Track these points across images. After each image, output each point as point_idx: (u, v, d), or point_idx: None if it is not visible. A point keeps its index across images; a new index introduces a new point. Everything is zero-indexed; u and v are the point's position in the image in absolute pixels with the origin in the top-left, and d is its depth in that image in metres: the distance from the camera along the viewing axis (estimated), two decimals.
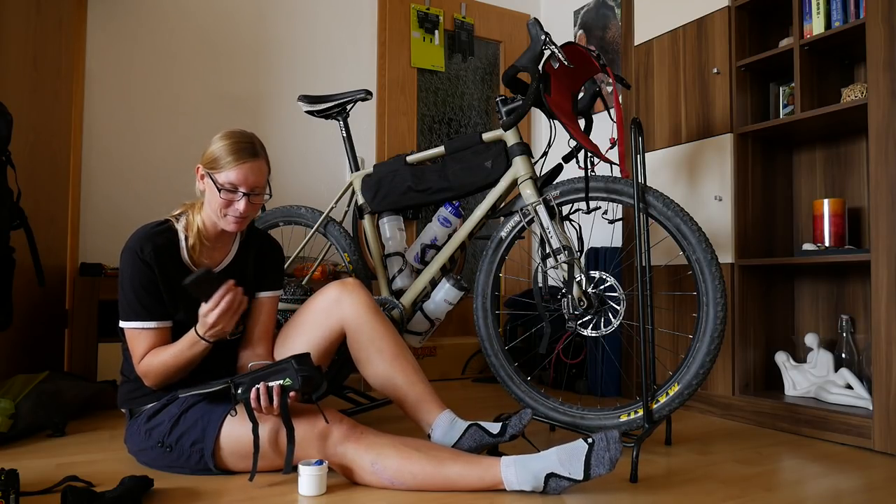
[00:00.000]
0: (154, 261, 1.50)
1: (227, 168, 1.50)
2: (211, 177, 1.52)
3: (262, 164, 1.55)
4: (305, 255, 2.71)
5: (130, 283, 1.50)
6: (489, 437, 1.53)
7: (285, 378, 1.38)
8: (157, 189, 2.78)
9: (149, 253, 1.50)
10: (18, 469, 1.49)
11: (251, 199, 1.53)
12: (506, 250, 1.97)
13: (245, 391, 1.40)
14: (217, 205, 1.53)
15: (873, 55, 1.84)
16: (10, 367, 2.10)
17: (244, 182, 1.51)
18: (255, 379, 1.40)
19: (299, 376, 1.38)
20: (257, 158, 1.53)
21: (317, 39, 3.17)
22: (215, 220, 1.56)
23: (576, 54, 1.81)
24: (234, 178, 1.50)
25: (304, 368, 1.39)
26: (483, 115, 3.65)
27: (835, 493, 1.44)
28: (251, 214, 1.56)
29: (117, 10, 2.76)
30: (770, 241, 2.33)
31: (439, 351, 3.07)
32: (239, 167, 1.50)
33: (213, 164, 1.52)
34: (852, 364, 2.11)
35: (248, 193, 1.52)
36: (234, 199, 1.52)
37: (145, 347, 1.51)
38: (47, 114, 2.33)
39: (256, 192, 1.54)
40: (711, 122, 2.31)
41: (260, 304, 1.70)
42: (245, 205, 1.52)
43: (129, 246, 1.51)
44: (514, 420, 1.54)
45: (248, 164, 1.51)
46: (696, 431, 2.04)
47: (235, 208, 1.52)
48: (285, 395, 1.38)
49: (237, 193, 1.51)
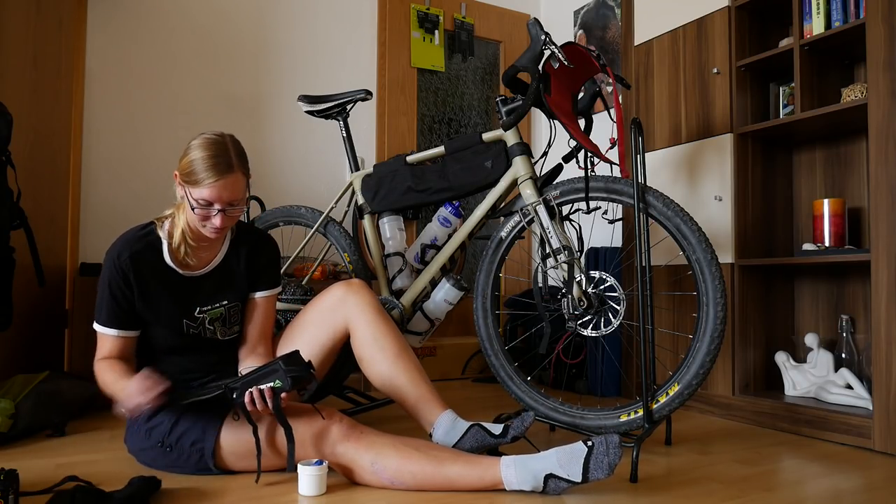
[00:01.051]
0: (130, 268, 1.50)
1: (202, 185, 1.44)
2: (185, 190, 1.48)
3: (237, 177, 1.48)
4: (305, 255, 2.71)
5: (103, 288, 1.52)
6: (491, 437, 1.53)
7: (275, 380, 1.38)
8: (156, 189, 2.78)
9: (125, 260, 1.50)
10: (18, 469, 1.49)
11: (227, 213, 1.48)
12: (506, 250, 1.97)
13: (239, 395, 1.40)
14: (194, 217, 1.50)
15: (873, 55, 1.84)
16: (10, 367, 2.10)
17: (218, 199, 1.46)
18: (246, 383, 1.40)
19: (288, 377, 1.38)
20: (232, 173, 1.46)
21: (317, 39, 3.17)
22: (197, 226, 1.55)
23: (576, 54, 1.81)
24: (208, 195, 1.45)
25: (292, 369, 1.39)
26: (483, 115, 3.65)
27: (835, 493, 1.44)
28: (229, 225, 1.52)
29: (117, 10, 2.76)
30: (770, 241, 2.33)
31: (439, 351, 3.07)
32: (213, 185, 1.44)
33: (187, 177, 1.47)
34: (852, 364, 2.10)
35: (223, 209, 1.47)
36: (210, 214, 1.48)
37: (106, 351, 1.53)
38: (47, 114, 2.33)
39: (234, 204, 1.49)
40: (711, 122, 2.31)
41: (256, 303, 1.69)
42: (221, 219, 1.48)
43: (109, 251, 1.53)
44: (517, 422, 1.54)
45: (223, 181, 1.45)
46: (696, 431, 2.04)
47: (212, 223, 1.49)
48: (277, 397, 1.38)
49: (212, 209, 1.47)
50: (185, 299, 1.57)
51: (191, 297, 1.58)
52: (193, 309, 1.58)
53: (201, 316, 1.59)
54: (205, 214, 1.48)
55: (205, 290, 1.60)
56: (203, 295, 1.60)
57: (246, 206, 1.56)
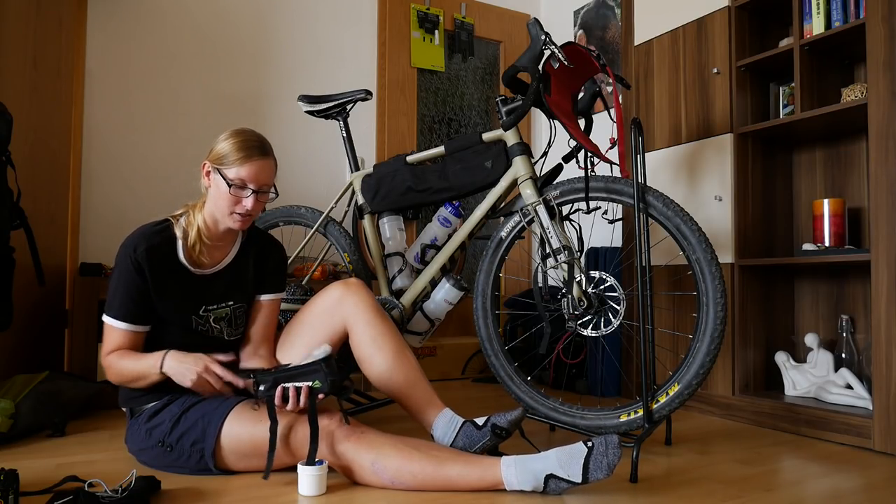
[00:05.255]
0: (146, 262, 1.51)
1: (238, 164, 1.51)
2: (220, 172, 1.52)
3: (271, 162, 1.56)
4: (305, 255, 2.71)
5: (117, 281, 1.52)
6: (476, 429, 1.53)
7: (315, 380, 1.40)
8: (156, 189, 2.78)
9: (141, 253, 1.50)
10: (18, 469, 1.49)
11: (259, 197, 1.54)
12: (506, 250, 1.97)
13: (268, 389, 1.41)
14: (224, 202, 1.53)
15: (873, 55, 1.84)
16: (10, 367, 2.10)
17: (254, 179, 1.52)
18: (279, 378, 1.41)
19: (328, 379, 1.40)
20: (267, 157, 1.55)
21: (317, 39, 3.17)
22: (218, 218, 1.56)
23: (576, 54, 1.81)
24: (245, 174, 1.51)
25: (332, 372, 1.41)
26: (483, 115, 3.65)
27: (835, 493, 1.44)
28: (257, 212, 1.57)
29: (117, 10, 2.76)
30: (770, 241, 2.33)
31: (439, 351, 3.07)
32: (250, 164, 1.51)
33: (221, 160, 1.52)
34: (852, 364, 2.10)
35: (256, 191, 1.53)
36: (243, 195, 1.52)
37: (115, 345, 1.53)
38: (47, 114, 2.33)
39: (265, 189, 1.55)
40: (711, 122, 2.31)
41: (261, 306, 1.70)
42: (253, 202, 1.53)
43: (125, 244, 1.52)
44: (501, 414, 1.54)
45: (259, 161, 1.53)
46: (696, 431, 2.04)
47: (243, 205, 1.52)
48: (314, 397, 1.40)
49: (246, 190, 1.52)
50: (194, 297, 1.58)
51: (200, 295, 1.59)
52: (199, 307, 1.59)
53: (206, 314, 1.60)
54: (237, 197, 1.52)
55: (213, 289, 1.61)
56: (211, 294, 1.60)
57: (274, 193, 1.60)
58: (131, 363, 1.50)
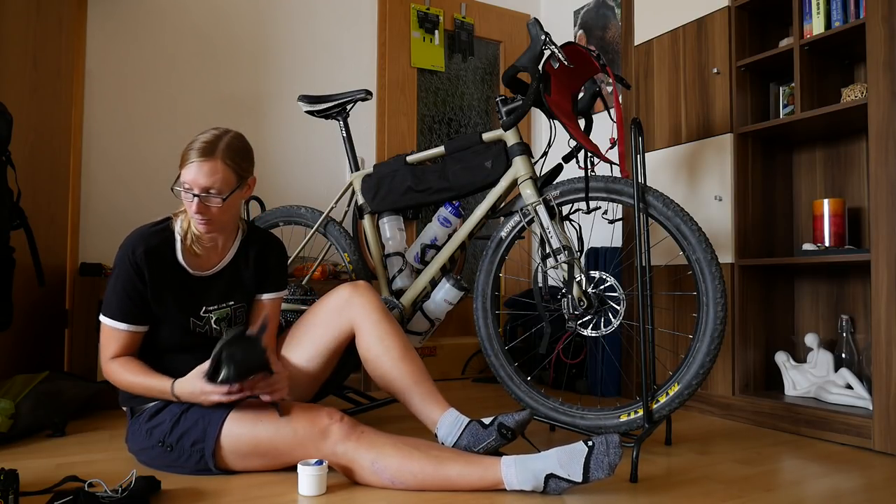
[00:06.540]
0: (144, 263, 1.50)
1: (183, 167, 1.48)
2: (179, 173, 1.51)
3: (216, 165, 1.46)
4: (305, 256, 2.71)
5: (115, 282, 1.51)
6: (482, 428, 1.52)
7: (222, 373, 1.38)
8: (156, 189, 2.78)
9: (140, 255, 1.50)
10: (18, 469, 1.49)
11: (202, 200, 1.47)
12: (506, 250, 1.97)
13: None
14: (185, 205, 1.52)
15: (873, 55, 1.84)
16: (10, 367, 2.09)
17: (194, 182, 1.46)
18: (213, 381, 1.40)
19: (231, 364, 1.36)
20: (211, 158, 1.46)
21: (317, 39, 3.17)
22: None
23: (576, 54, 1.81)
24: (185, 177, 1.47)
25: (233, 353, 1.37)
26: (483, 115, 3.65)
27: (835, 493, 1.44)
28: (216, 216, 1.51)
29: (117, 10, 2.76)
30: (770, 241, 2.33)
31: (439, 351, 3.07)
32: (188, 167, 1.46)
33: (180, 159, 1.51)
34: (852, 364, 2.10)
35: (197, 195, 1.46)
36: (186, 199, 1.49)
37: (115, 347, 1.53)
38: (47, 114, 2.33)
39: (211, 193, 1.47)
40: (711, 122, 2.31)
41: (262, 305, 1.70)
42: (197, 205, 1.46)
43: (124, 245, 1.52)
44: (508, 415, 1.53)
45: (197, 163, 1.45)
46: (696, 431, 2.04)
47: (191, 208, 1.49)
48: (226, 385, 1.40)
49: (188, 194, 1.48)
50: (193, 298, 1.58)
51: (199, 296, 1.59)
52: (200, 308, 1.59)
53: (207, 315, 1.60)
54: (187, 200, 1.49)
55: (213, 290, 1.61)
56: (211, 295, 1.60)
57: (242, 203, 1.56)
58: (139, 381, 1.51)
